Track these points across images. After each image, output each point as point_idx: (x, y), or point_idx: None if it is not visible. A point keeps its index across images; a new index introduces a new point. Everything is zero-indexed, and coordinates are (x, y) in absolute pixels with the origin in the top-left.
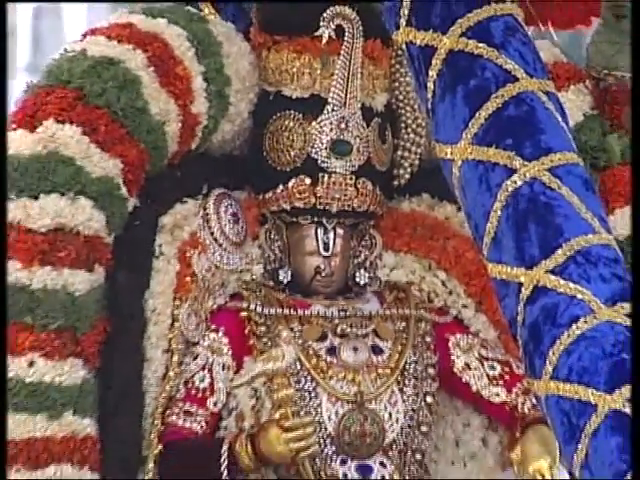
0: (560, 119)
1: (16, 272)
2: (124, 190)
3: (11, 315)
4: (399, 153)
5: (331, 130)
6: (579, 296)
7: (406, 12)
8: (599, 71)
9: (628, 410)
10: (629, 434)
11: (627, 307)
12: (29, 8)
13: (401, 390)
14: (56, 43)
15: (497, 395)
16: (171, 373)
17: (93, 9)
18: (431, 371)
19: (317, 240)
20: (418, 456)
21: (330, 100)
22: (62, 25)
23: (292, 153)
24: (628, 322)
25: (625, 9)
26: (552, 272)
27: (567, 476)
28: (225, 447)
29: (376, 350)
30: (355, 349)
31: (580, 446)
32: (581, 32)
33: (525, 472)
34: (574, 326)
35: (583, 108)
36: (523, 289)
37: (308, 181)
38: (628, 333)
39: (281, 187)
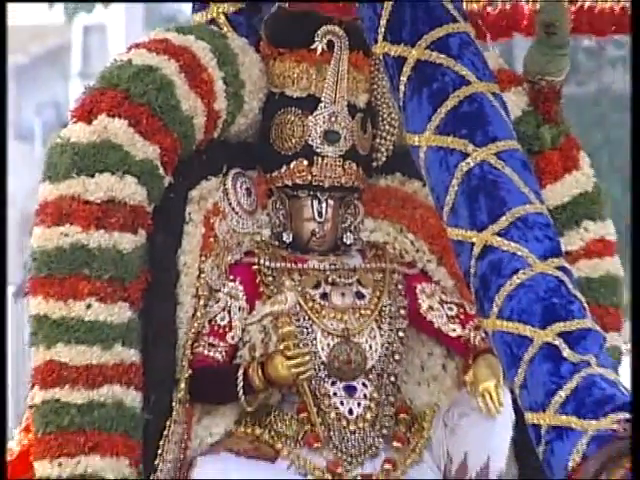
0: (503, 114)
1: (76, 234)
2: (161, 170)
3: (72, 269)
4: (377, 140)
5: (324, 122)
6: (519, 253)
7: (383, 30)
8: (534, 76)
9: (557, 342)
10: (561, 363)
11: (557, 261)
12: (80, 27)
13: (379, 327)
14: (101, 55)
15: (454, 330)
16: (198, 314)
17: (131, 27)
18: (402, 312)
19: (313, 209)
20: (392, 378)
21: (323, 99)
22: (106, 40)
23: (293, 141)
24: (558, 273)
25: (554, 28)
26: (497, 234)
27: (509, 394)
28: (241, 372)
29: (359, 295)
30: (343, 294)
31: (519, 370)
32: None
33: (476, 390)
34: (515, 277)
35: (521, 105)
36: (475, 248)
37: (306, 163)
38: (557, 282)
39: (284, 168)
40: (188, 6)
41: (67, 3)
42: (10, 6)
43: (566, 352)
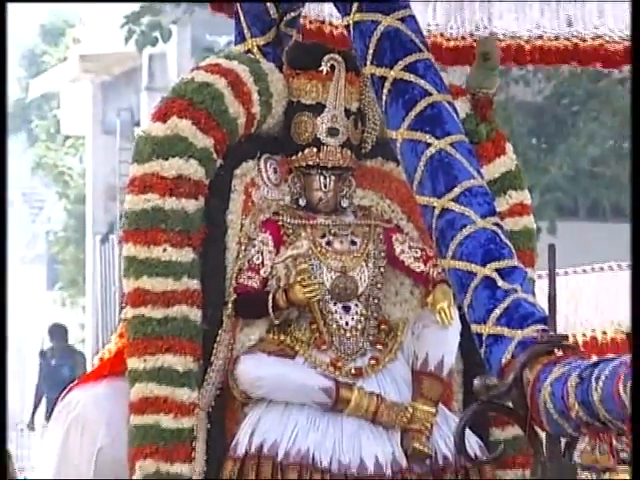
0: (455, 116)
1: (155, 200)
2: (215, 155)
3: (153, 224)
4: (365, 134)
5: (328, 122)
6: (466, 213)
7: (370, 57)
8: (474, 89)
9: (493, 275)
10: (496, 290)
11: (493, 219)
12: (147, 55)
13: (366, 265)
14: (162, 74)
15: (419, 267)
16: (240, 255)
17: (182, 54)
18: (383, 254)
19: (320, 183)
20: (375, 301)
21: (327, 105)
22: (166, 64)
23: (306, 135)
24: (493, 227)
25: (488, 56)
26: (451, 200)
27: (457, 311)
28: (270, 296)
29: (352, 243)
30: (341, 242)
31: (467, 295)
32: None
33: (434, 309)
34: (463, 230)
35: (465, 110)
36: (435, 210)
37: (315, 150)
38: (493, 233)
39: (300, 153)
40: (222, 39)
41: (138, 38)
42: (100, 39)
43: (500, 282)
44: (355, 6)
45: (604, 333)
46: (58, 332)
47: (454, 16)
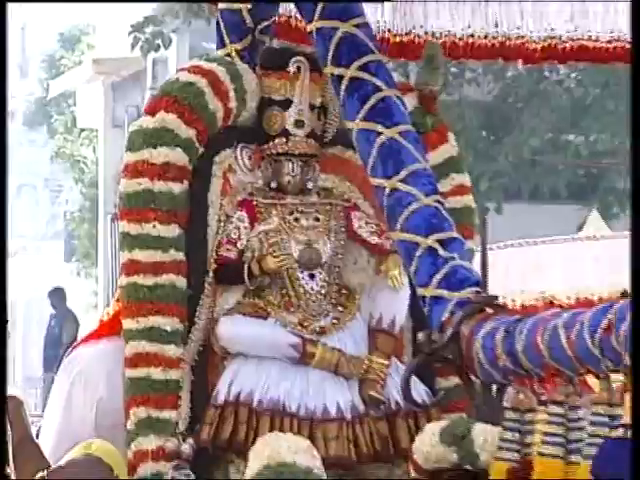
0: (403, 109)
1: (146, 183)
2: (197, 144)
3: (144, 204)
4: (326, 125)
5: (295, 115)
6: (412, 192)
7: (330, 58)
8: (421, 86)
9: (435, 246)
10: (437, 258)
11: (435, 197)
12: (151, 59)
13: (329, 238)
14: (164, 76)
15: (374, 240)
16: (220, 230)
17: (182, 58)
18: (343, 229)
19: (288, 168)
20: (337, 269)
21: (294, 101)
22: (167, 67)
23: (276, 126)
24: (436, 204)
25: (433, 57)
26: (400, 181)
27: (407, 278)
28: (245, 265)
29: (316, 219)
30: (307, 219)
31: (413, 263)
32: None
33: (387, 275)
34: (409, 206)
35: (413, 103)
36: (386, 190)
37: (284, 140)
38: (436, 210)
39: (271, 143)
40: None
41: (143, 45)
42: (110, 45)
43: (440, 251)
44: (317, 14)
45: (536, 300)
46: (57, 295)
47: (398, 14)
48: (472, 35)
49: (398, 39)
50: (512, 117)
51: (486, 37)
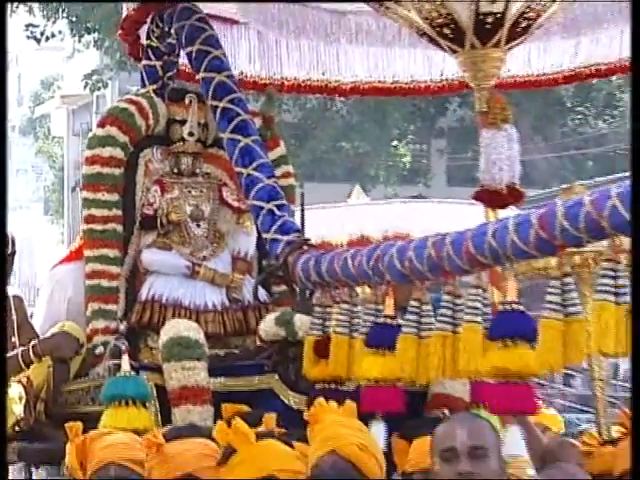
0: (253, 126)
1: (98, 168)
2: (129, 146)
3: (97, 181)
4: (208, 135)
5: (188, 128)
6: (259, 176)
7: (210, 95)
8: (263, 112)
9: (274, 208)
10: (274, 215)
11: (273, 179)
12: (95, 95)
13: (209, 202)
14: (103, 106)
15: (235, 204)
16: (143, 197)
17: (115, 97)
18: (217, 197)
19: (184, 161)
20: (213, 221)
21: (188, 120)
22: (106, 101)
23: (177, 135)
24: (274, 184)
25: (269, 96)
26: (252, 170)
27: (255, 227)
28: (159, 219)
29: (202, 192)
30: (196, 191)
31: (260, 218)
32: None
33: (243, 225)
34: (258, 185)
35: (259, 123)
36: (243, 175)
37: (182, 143)
38: (273, 186)
39: (174, 145)
40: (134, 88)
41: (91, 86)
42: (71, 87)
43: (277, 211)
44: (202, 68)
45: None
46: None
47: (257, 64)
48: (309, 79)
49: (252, 80)
50: (309, 132)
51: (310, 80)
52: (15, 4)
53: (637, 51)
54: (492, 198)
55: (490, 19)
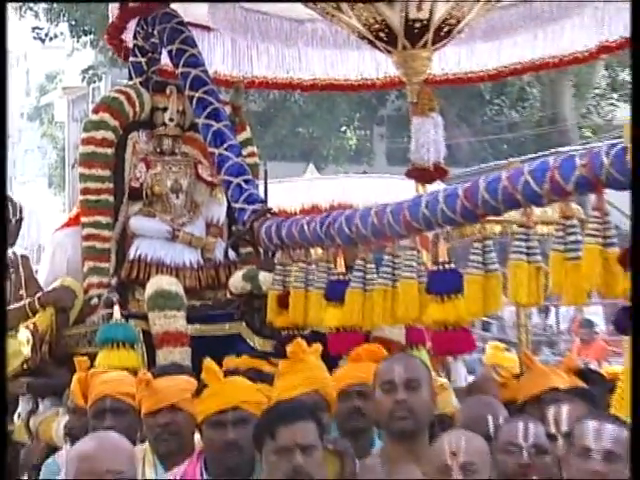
0: (225, 112)
1: (92, 147)
2: (119, 129)
3: (90, 159)
4: (185, 120)
5: (169, 114)
6: (230, 155)
7: (187, 86)
8: (232, 102)
9: (242, 182)
10: (242, 188)
11: (241, 158)
12: (91, 87)
13: (186, 177)
14: (98, 96)
15: (209, 179)
16: (131, 173)
17: (108, 89)
18: (194, 174)
19: (166, 142)
20: (190, 194)
21: (169, 107)
22: (101, 92)
23: (160, 120)
24: (242, 162)
25: (237, 89)
26: (223, 149)
27: (225, 198)
28: (144, 191)
29: (180, 168)
30: (175, 167)
31: (230, 191)
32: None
33: (215, 196)
34: (228, 162)
35: (229, 110)
36: (216, 154)
37: (164, 127)
38: (241, 164)
39: (157, 129)
40: (124, 82)
41: (88, 79)
42: (71, 80)
43: (244, 185)
44: (180, 64)
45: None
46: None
47: (229, 65)
48: (275, 77)
49: (224, 78)
50: (271, 119)
51: (276, 78)
52: (23, 10)
53: (637, 51)
54: (421, 175)
55: (418, 24)
